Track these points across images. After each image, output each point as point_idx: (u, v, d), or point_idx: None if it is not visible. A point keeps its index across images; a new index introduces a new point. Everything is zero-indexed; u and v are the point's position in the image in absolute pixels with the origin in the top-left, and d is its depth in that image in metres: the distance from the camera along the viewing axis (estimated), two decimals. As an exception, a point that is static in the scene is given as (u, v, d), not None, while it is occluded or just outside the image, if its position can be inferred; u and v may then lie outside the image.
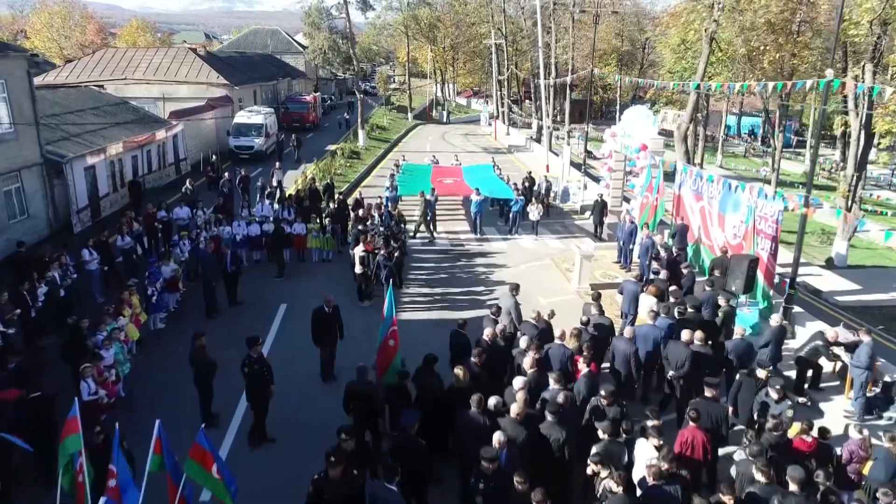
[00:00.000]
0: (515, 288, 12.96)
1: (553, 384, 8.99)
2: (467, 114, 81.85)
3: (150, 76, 37.78)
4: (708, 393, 9.01)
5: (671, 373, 10.54)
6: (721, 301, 13.08)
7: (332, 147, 38.84)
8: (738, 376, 10.25)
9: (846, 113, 26.34)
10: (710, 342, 11.08)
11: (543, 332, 11.40)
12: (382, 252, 14.74)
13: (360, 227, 16.88)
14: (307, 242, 18.26)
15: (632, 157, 20.63)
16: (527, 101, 70.15)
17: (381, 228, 17.14)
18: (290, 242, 18.04)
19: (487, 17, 60.88)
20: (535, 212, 22.31)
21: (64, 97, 26.29)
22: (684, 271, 14.59)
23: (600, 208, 22.57)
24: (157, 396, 11.17)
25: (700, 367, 10.39)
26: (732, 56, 26.72)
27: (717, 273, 14.41)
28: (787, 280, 14.12)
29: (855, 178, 25.86)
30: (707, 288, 14.51)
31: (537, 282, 17.82)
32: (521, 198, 22.32)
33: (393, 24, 64.95)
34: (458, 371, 9.36)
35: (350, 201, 21.25)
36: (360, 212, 18.55)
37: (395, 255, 15.03)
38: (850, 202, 26.05)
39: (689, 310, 12.19)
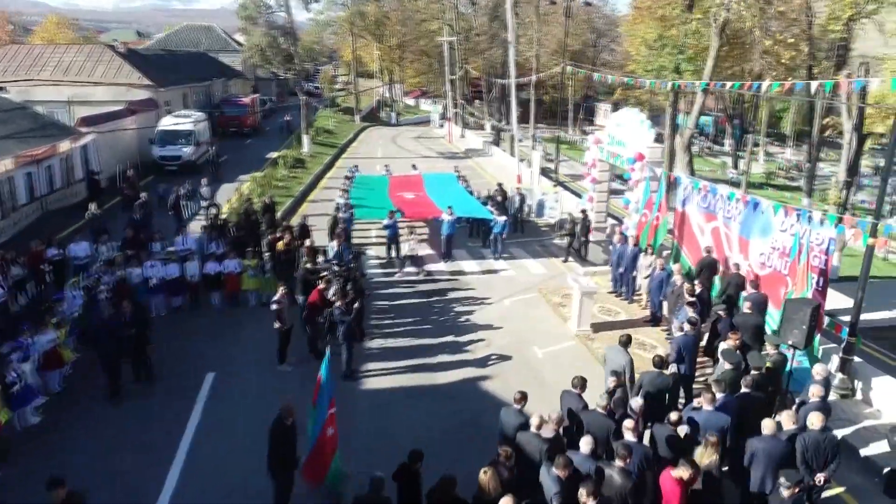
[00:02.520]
0: (627, 341, 10.40)
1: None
2: (417, 114, 78.47)
3: (60, 76, 33.03)
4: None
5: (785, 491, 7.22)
6: (769, 348, 10.33)
7: (273, 154, 34.94)
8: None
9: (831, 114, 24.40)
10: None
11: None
12: (339, 304, 11.35)
13: (308, 265, 13.39)
14: (241, 283, 14.64)
15: (625, 169, 17.85)
16: (476, 101, 67.36)
17: (336, 267, 13.66)
18: (219, 285, 14.43)
19: (439, 13, 57.80)
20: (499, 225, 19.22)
21: (-59, 102, 21.75)
22: (722, 314, 11.74)
23: (584, 224, 19.75)
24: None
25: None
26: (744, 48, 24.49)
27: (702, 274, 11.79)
28: (846, 325, 11.44)
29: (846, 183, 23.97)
30: (721, 314, 11.84)
31: (527, 323, 14.75)
32: (504, 218, 19.19)
33: (337, 20, 61.00)
34: (485, 478, 6.75)
35: (293, 225, 17.59)
36: (307, 243, 15.01)
37: (356, 305, 11.65)
38: (842, 208, 24.20)
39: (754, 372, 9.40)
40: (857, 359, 11.48)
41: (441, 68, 70.45)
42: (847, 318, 14.45)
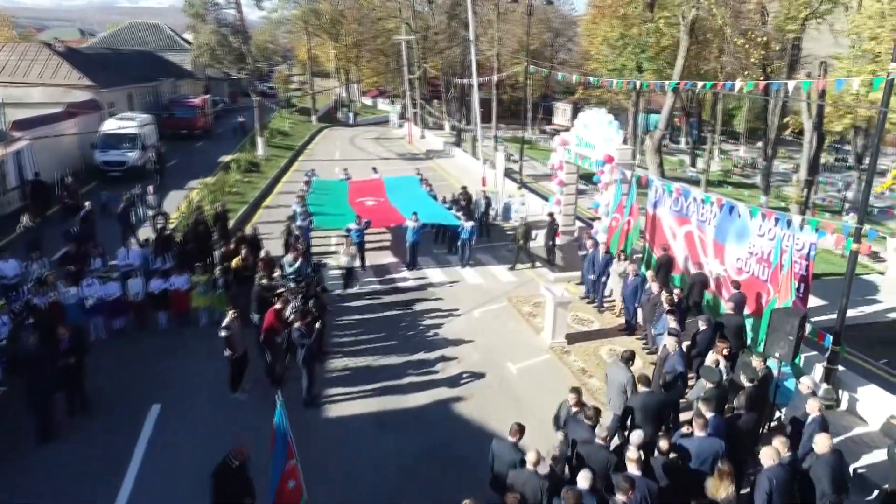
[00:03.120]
0: (630, 357, 9.76)
1: None
2: (375, 114, 77.25)
3: (-9, 77, 30.92)
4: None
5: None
6: (755, 362, 9.85)
7: (225, 158, 33.47)
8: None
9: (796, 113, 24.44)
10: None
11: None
12: (298, 325, 10.41)
13: (263, 281, 12.37)
14: (191, 301, 13.51)
15: (595, 172, 17.30)
16: (435, 100, 66.56)
17: (293, 283, 12.64)
18: (165, 303, 13.28)
19: (395, 11, 56.73)
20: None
21: None
22: (702, 325, 11.22)
23: (551, 229, 19.19)
24: None
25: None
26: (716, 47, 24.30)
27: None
28: (830, 334, 11.05)
29: (808, 182, 24.02)
30: (702, 325, 11.33)
31: (499, 336, 14.03)
32: (471, 223, 18.43)
33: (291, 18, 59.30)
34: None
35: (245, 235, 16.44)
36: (263, 255, 13.95)
37: (317, 326, 10.72)
38: (804, 207, 24.26)
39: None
40: (840, 367, 11.11)
41: (399, 68, 69.48)
42: (820, 319, 14.33)
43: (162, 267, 14.01)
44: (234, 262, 13.73)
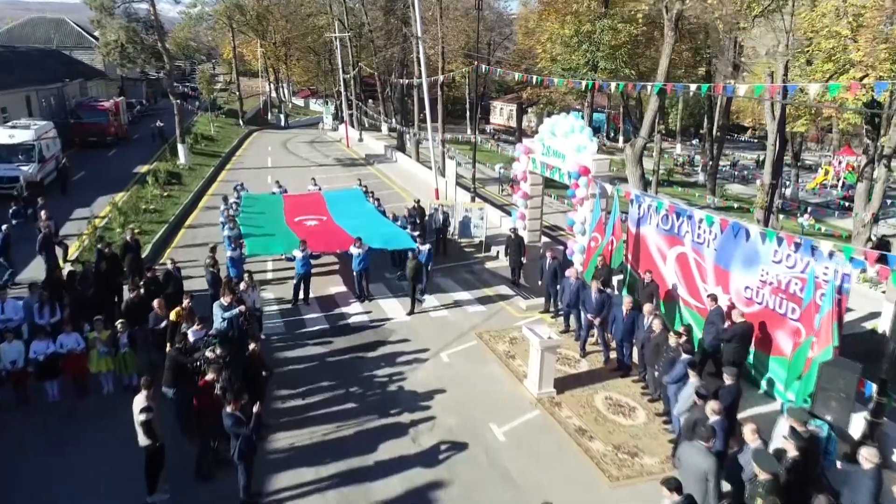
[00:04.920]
0: (712, 434, 7.56)
1: None
2: (307, 115, 73.74)
3: None
4: None
5: None
6: (795, 424, 8.03)
7: (142, 168, 29.92)
8: None
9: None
10: None
11: None
12: (231, 409, 7.88)
13: (180, 344, 9.68)
14: (89, 365, 10.68)
15: (568, 184, 15.37)
16: (370, 100, 63.73)
17: (218, 348, 9.91)
18: (54, 371, 10.41)
19: (325, 7, 53.66)
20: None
21: None
22: (728, 380, 9.34)
23: (516, 245, 17.21)
24: None
25: None
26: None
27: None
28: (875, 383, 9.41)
29: (771, 186, 23.00)
30: (729, 379, 9.47)
31: (476, 386, 11.83)
32: (427, 246, 16.12)
33: (213, 14, 55.19)
34: None
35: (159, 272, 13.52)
36: (185, 303, 11.20)
37: (255, 410, 8.22)
38: (768, 213, 23.25)
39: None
40: (885, 420, 9.50)
41: (331, 66, 66.18)
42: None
43: (50, 321, 11.10)
44: (174, 315, 10.96)
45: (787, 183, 42.65)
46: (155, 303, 11.03)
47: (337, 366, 12.43)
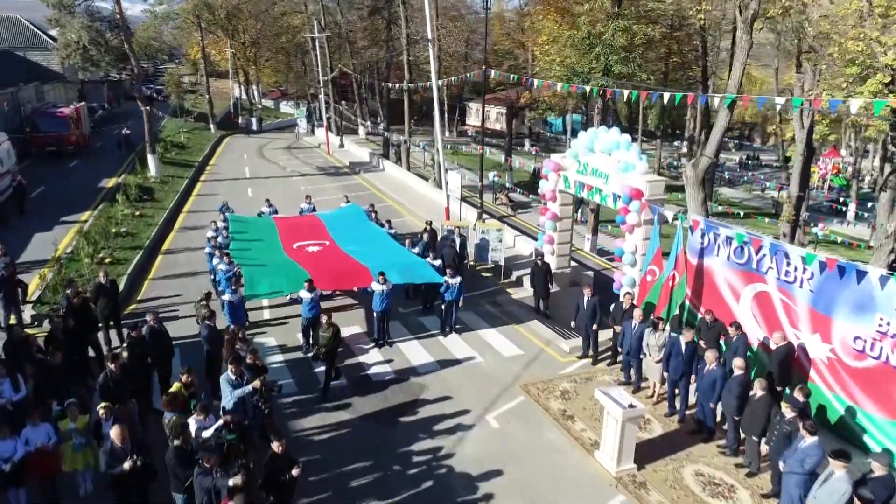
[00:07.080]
0: None
1: None
2: (278, 118, 70.66)
3: None
4: None
5: None
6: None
7: (109, 183, 27.18)
8: None
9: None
10: None
11: None
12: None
13: (178, 441, 7.44)
14: (62, 462, 8.35)
15: (617, 209, 13.47)
16: (343, 101, 61.25)
17: (226, 435, 7.69)
18: (21, 475, 8.06)
19: (300, 6, 51.11)
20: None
21: None
22: (880, 469, 7.52)
23: (543, 274, 15.29)
24: None
25: None
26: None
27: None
28: None
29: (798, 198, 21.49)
30: (879, 469, 7.69)
31: (537, 463, 9.82)
32: (458, 279, 13.98)
33: (180, 12, 52.03)
34: None
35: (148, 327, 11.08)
36: (184, 378, 8.90)
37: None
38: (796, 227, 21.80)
39: None
40: None
41: (304, 67, 63.39)
42: None
43: (13, 400, 8.75)
44: (175, 388, 8.71)
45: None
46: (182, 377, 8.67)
47: (366, 439, 10.28)
